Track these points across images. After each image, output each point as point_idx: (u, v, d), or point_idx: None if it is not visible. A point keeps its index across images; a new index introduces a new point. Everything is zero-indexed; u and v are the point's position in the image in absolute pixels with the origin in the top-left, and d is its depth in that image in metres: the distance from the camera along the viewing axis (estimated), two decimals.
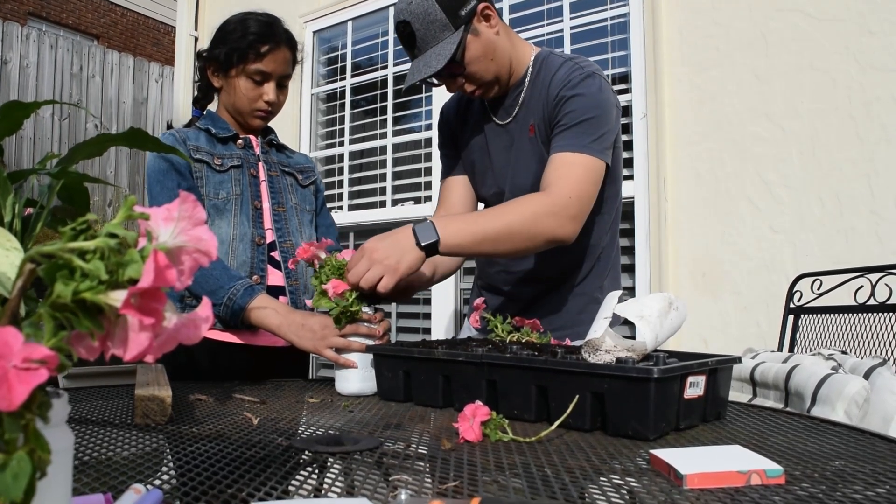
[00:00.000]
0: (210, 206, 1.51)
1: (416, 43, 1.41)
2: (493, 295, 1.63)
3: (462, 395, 1.06)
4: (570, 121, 1.39)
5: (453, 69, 1.42)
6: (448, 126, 1.68)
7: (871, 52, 2.18)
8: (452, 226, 1.28)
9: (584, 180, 1.36)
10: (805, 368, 1.38)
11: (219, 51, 1.55)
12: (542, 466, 0.73)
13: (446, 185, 1.68)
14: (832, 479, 0.68)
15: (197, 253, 0.42)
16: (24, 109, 0.60)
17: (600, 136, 1.38)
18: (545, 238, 1.33)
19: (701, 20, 2.51)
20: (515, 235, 1.30)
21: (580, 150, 1.37)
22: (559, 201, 1.32)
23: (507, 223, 1.30)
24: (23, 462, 0.34)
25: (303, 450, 0.80)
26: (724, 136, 2.43)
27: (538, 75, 1.49)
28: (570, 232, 1.35)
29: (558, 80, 1.43)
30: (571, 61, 1.46)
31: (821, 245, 2.21)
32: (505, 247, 1.32)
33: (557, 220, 1.32)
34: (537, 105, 1.47)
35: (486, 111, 1.58)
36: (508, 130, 1.53)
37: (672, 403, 0.90)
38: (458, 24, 1.38)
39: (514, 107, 1.51)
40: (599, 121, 1.39)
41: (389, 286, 1.22)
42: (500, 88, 1.50)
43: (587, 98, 1.39)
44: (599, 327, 0.95)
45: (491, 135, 1.57)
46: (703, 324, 2.40)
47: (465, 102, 1.65)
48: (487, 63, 1.44)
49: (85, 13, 11.99)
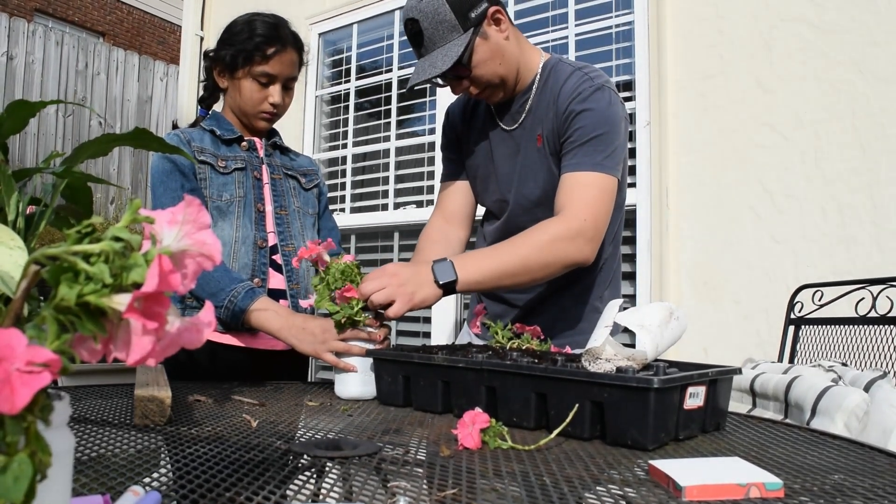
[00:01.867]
0: (213, 207, 1.51)
1: (423, 42, 1.40)
2: (493, 301, 1.63)
3: (461, 401, 1.06)
4: (581, 137, 1.38)
5: (459, 71, 1.41)
6: (453, 129, 1.67)
7: (874, 62, 2.18)
8: (471, 265, 1.28)
9: (598, 200, 1.35)
10: (805, 380, 1.37)
11: (225, 52, 1.55)
12: (541, 475, 0.73)
13: (446, 188, 1.68)
14: (831, 492, 0.68)
15: (201, 257, 0.42)
16: (29, 109, 0.60)
17: (611, 152, 1.38)
18: (563, 265, 1.34)
19: (705, 29, 2.52)
20: (533, 266, 1.31)
21: (592, 168, 1.36)
22: (574, 225, 1.32)
23: (524, 256, 1.30)
24: (24, 464, 0.34)
25: (301, 454, 0.80)
26: (726, 145, 2.43)
27: (546, 83, 1.47)
28: (588, 255, 1.35)
29: (567, 91, 1.41)
30: (581, 71, 1.44)
31: (822, 255, 2.21)
32: (524, 278, 1.33)
33: (575, 244, 1.32)
34: (545, 114, 1.46)
35: (492, 116, 1.57)
36: (514, 137, 1.52)
37: (672, 413, 0.90)
38: (468, 27, 1.37)
39: (520, 113, 1.50)
40: (610, 136, 1.38)
41: (399, 313, 1.23)
42: (507, 93, 1.49)
43: (597, 113, 1.38)
44: (600, 336, 0.95)
45: (496, 140, 1.56)
46: (703, 332, 2.40)
47: (472, 106, 1.64)
48: (495, 67, 1.42)
49: (91, 10, 12.02)
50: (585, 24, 2.80)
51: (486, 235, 1.64)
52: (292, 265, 1.57)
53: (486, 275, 1.29)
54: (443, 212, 1.65)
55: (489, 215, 1.65)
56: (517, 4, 3.00)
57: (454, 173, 1.67)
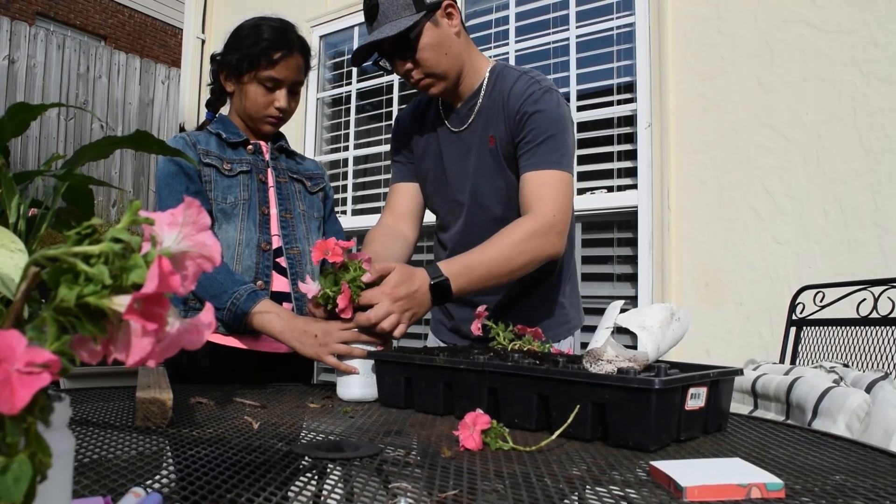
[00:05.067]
0: (217, 210, 1.51)
1: (377, 16, 1.45)
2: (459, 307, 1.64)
3: (463, 402, 1.06)
4: (536, 137, 1.44)
5: (405, 51, 1.46)
6: (403, 133, 1.72)
7: (876, 63, 2.18)
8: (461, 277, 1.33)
9: (562, 196, 1.43)
10: (806, 381, 1.37)
11: (231, 56, 1.55)
12: (542, 476, 0.73)
13: (395, 190, 1.72)
14: (833, 493, 0.68)
15: (201, 258, 0.42)
16: (30, 111, 0.60)
17: (565, 150, 1.45)
18: (540, 260, 1.41)
19: (706, 30, 2.52)
20: (514, 266, 1.37)
21: (552, 166, 1.43)
22: (546, 222, 1.39)
23: (507, 256, 1.36)
24: (24, 465, 0.34)
25: (303, 455, 0.80)
26: (728, 146, 2.43)
27: (494, 86, 1.53)
28: (559, 247, 1.43)
29: (517, 93, 1.47)
30: (527, 75, 1.51)
31: (824, 256, 2.21)
32: (507, 277, 1.39)
33: (548, 239, 1.40)
34: (496, 117, 1.51)
35: (440, 119, 1.62)
36: (463, 138, 1.57)
37: (673, 414, 0.90)
38: (421, 9, 1.44)
39: (469, 116, 1.56)
40: (563, 136, 1.45)
41: (404, 332, 1.29)
42: (449, 90, 1.54)
43: (549, 114, 1.45)
44: (601, 337, 0.95)
45: (445, 142, 1.61)
46: (705, 333, 2.39)
47: (421, 111, 1.69)
48: (440, 55, 1.47)
49: (93, 14, 12.05)
50: (587, 25, 2.81)
51: (444, 242, 1.67)
52: (297, 268, 1.57)
53: (474, 279, 1.35)
54: (392, 212, 1.70)
55: (442, 222, 1.68)
56: (517, 7, 3.01)
57: (403, 176, 1.71)
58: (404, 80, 1.55)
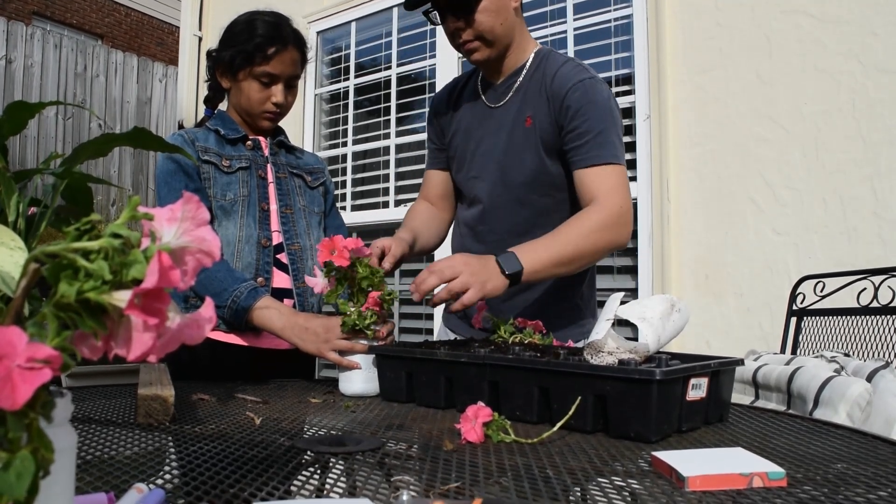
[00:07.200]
0: (217, 207, 1.51)
1: None
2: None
3: (464, 396, 1.06)
4: (591, 129, 1.43)
5: (463, 9, 1.44)
6: (436, 113, 1.72)
7: (874, 53, 2.17)
8: (532, 256, 1.33)
9: (624, 187, 1.44)
10: (807, 371, 1.37)
11: (226, 52, 1.55)
12: (544, 468, 0.73)
13: (428, 177, 1.74)
14: (834, 482, 0.68)
15: (200, 253, 0.42)
16: (28, 110, 0.60)
17: (619, 142, 1.46)
18: (609, 249, 1.43)
19: (704, 22, 2.51)
20: (585, 254, 1.38)
21: (611, 160, 1.43)
22: (614, 212, 1.40)
23: (576, 245, 1.37)
24: (26, 461, 0.34)
25: (305, 450, 0.80)
26: (727, 138, 2.43)
27: (538, 68, 1.52)
28: (627, 237, 1.44)
29: (563, 77, 1.46)
30: (573, 61, 1.51)
31: (824, 247, 2.21)
32: (575, 265, 1.40)
33: (617, 229, 1.41)
34: (535, 97, 1.50)
35: (476, 94, 1.62)
36: (496, 115, 1.56)
37: (674, 405, 0.90)
38: None
39: (506, 94, 1.55)
40: (615, 128, 1.46)
41: (473, 300, 1.26)
42: (493, 61, 1.53)
43: (601, 106, 1.44)
44: (602, 329, 0.95)
45: (478, 116, 1.60)
46: (705, 325, 2.40)
47: (459, 90, 1.68)
48: (495, 22, 1.46)
49: (89, 13, 12.02)
50: (584, 18, 2.80)
51: (464, 221, 1.65)
52: (298, 264, 1.57)
53: (545, 264, 1.34)
54: (427, 196, 1.73)
55: (465, 200, 1.67)
56: None
57: (435, 163, 1.73)
58: (449, 39, 1.53)
